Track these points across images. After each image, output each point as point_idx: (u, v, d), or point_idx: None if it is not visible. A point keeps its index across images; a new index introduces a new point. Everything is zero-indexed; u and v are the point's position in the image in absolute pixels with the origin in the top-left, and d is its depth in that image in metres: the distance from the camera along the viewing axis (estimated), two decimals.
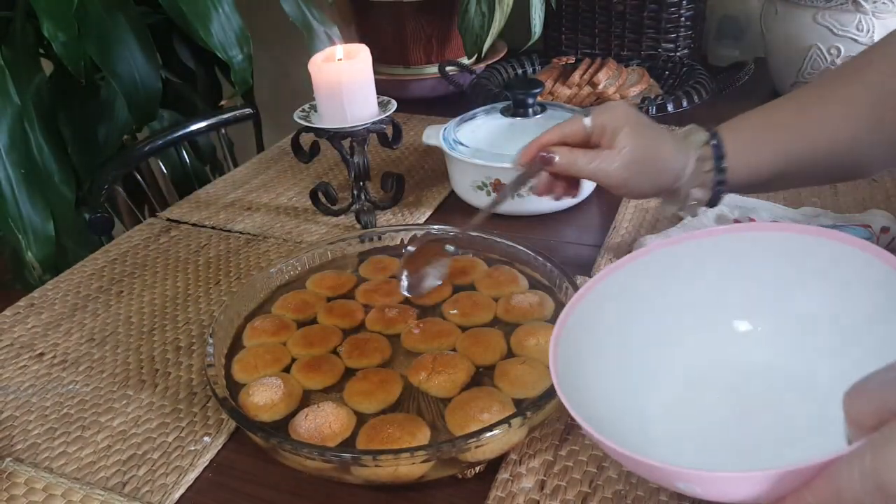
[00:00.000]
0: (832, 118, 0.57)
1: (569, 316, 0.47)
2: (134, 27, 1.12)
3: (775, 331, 0.49)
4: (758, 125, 0.60)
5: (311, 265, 0.71)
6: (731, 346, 0.50)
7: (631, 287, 0.49)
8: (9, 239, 1.09)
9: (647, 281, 0.50)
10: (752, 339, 0.50)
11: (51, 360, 0.66)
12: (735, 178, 0.59)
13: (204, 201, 0.96)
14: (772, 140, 0.59)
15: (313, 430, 0.50)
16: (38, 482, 0.52)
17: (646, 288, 0.50)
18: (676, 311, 0.50)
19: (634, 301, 0.50)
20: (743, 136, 0.59)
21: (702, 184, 0.60)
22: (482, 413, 0.50)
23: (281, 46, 1.78)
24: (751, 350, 0.49)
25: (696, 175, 0.59)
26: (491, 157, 0.82)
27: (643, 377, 0.49)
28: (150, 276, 0.79)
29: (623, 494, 0.48)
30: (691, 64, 1.15)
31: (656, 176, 0.59)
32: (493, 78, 1.17)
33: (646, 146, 0.58)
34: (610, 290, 0.49)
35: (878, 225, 0.70)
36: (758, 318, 0.50)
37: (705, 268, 0.50)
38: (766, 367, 0.49)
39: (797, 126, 0.58)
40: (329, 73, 0.76)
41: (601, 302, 0.48)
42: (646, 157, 0.58)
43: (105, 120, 1.25)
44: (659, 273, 0.50)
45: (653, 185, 0.60)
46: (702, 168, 0.59)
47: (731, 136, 0.59)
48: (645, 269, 0.50)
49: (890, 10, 1.00)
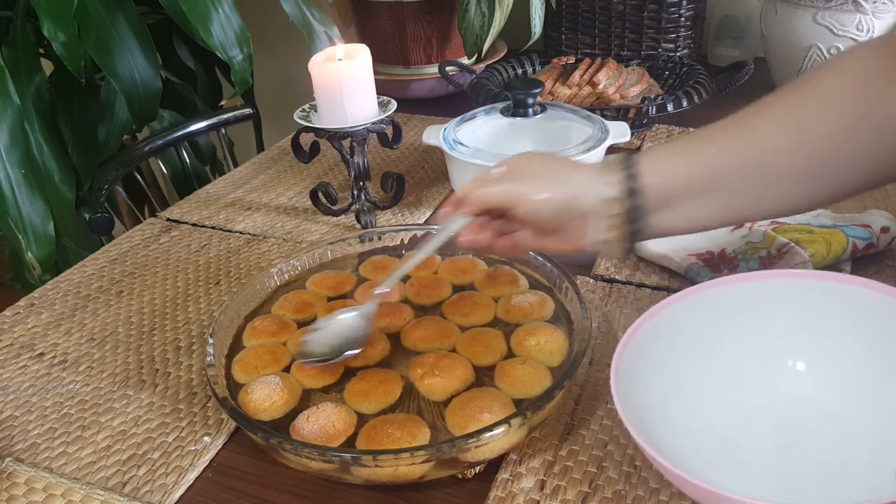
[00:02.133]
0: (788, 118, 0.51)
1: (628, 342, 0.49)
2: (134, 27, 1.12)
3: (822, 371, 0.51)
4: (678, 139, 0.54)
5: (311, 265, 0.71)
6: (780, 382, 0.52)
7: (688, 319, 0.52)
8: (9, 239, 1.09)
9: (704, 315, 0.53)
10: (800, 377, 0.52)
11: (51, 359, 0.66)
12: (652, 185, 0.51)
13: (204, 201, 0.96)
14: (695, 148, 0.52)
15: (314, 431, 0.50)
16: (38, 482, 0.52)
17: (701, 321, 0.53)
18: (728, 347, 0.53)
19: (691, 332, 0.52)
20: (660, 147, 0.54)
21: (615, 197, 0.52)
22: (482, 413, 0.50)
23: (281, 46, 1.78)
24: (798, 388, 0.52)
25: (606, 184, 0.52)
26: (491, 157, 0.82)
27: (695, 405, 0.51)
28: (151, 276, 0.79)
29: (623, 494, 0.49)
30: (691, 64, 1.15)
31: (559, 186, 0.53)
32: (493, 78, 1.17)
33: (549, 159, 0.56)
34: (669, 320, 0.52)
35: (878, 225, 0.70)
36: (804, 357, 0.52)
37: (759, 307, 0.53)
38: (811, 404, 0.51)
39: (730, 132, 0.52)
40: (329, 73, 0.76)
41: (661, 330, 0.51)
42: (549, 168, 0.54)
43: (105, 120, 1.25)
44: (713, 309, 0.53)
45: (557, 199, 0.52)
46: (609, 179, 0.52)
47: (647, 151, 0.54)
48: (701, 305, 0.53)
49: (890, 10, 1.00)
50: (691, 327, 0.52)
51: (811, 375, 0.52)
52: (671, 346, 0.51)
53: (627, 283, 0.71)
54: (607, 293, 0.70)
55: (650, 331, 0.50)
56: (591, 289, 0.71)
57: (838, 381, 0.51)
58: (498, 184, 0.54)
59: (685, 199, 0.51)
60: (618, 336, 0.63)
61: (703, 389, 0.52)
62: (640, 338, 0.49)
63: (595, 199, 0.52)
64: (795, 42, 1.07)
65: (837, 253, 0.68)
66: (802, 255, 0.66)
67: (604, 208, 0.51)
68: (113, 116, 1.26)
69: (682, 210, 0.51)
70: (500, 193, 0.54)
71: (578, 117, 0.90)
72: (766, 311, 0.53)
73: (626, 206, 0.51)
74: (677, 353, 0.52)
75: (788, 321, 0.52)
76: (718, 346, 0.53)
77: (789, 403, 0.51)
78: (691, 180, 0.51)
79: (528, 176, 0.54)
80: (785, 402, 0.51)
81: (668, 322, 0.51)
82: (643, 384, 0.48)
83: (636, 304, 0.68)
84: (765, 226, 0.73)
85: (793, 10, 1.07)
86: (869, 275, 0.69)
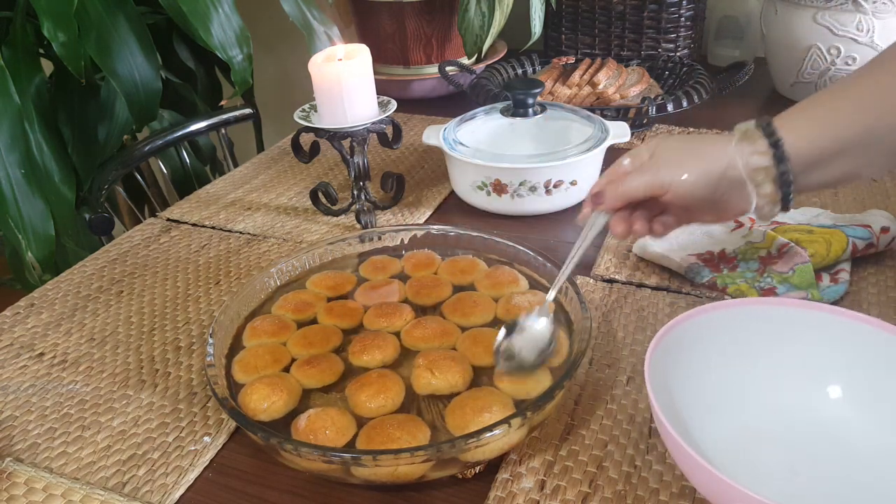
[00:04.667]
0: None
1: (665, 336, 0.49)
2: (134, 27, 1.12)
3: (852, 406, 0.51)
4: (817, 99, 0.54)
5: (311, 265, 0.71)
6: (806, 411, 0.52)
7: (729, 328, 0.53)
8: (9, 239, 1.09)
9: (747, 327, 0.53)
10: (829, 407, 0.52)
11: (51, 360, 0.66)
12: (797, 151, 0.52)
13: (204, 201, 0.96)
14: (834, 108, 0.52)
15: (314, 431, 0.50)
16: (38, 482, 0.52)
17: (743, 333, 0.53)
18: (762, 366, 0.53)
19: (729, 341, 0.53)
20: (798, 112, 0.54)
21: (759, 171, 0.53)
22: (482, 413, 0.50)
23: (281, 46, 1.78)
24: (824, 418, 0.51)
25: (749, 154, 0.53)
26: (491, 157, 0.82)
27: (714, 414, 0.51)
28: (151, 277, 0.79)
29: (623, 494, 0.49)
30: (691, 64, 1.15)
31: (704, 163, 0.53)
32: (493, 78, 1.17)
33: (680, 139, 0.56)
34: (710, 324, 0.52)
35: (878, 225, 0.70)
36: (837, 387, 0.52)
37: (804, 333, 0.53)
38: (832, 436, 0.51)
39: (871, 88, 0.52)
40: (329, 73, 0.76)
41: (699, 332, 0.51)
42: (684, 148, 0.55)
43: (105, 120, 1.25)
44: (757, 324, 0.53)
45: (706, 176, 0.53)
46: (753, 148, 0.53)
47: (785, 115, 0.54)
48: (746, 317, 0.53)
49: (890, 10, 1.00)
50: (730, 337, 0.52)
51: (840, 408, 0.51)
52: (706, 351, 0.51)
53: (627, 283, 0.71)
54: (607, 293, 0.70)
55: (689, 330, 0.51)
56: (591, 289, 0.71)
57: (866, 418, 0.50)
58: (638, 176, 0.55)
59: (829, 160, 0.52)
60: (618, 336, 0.64)
61: (726, 401, 0.51)
62: (677, 334, 0.50)
63: (744, 170, 0.52)
64: (795, 42, 1.07)
65: (837, 253, 0.68)
66: (802, 255, 0.66)
67: (754, 176, 0.52)
68: (113, 116, 1.26)
69: (827, 169, 0.53)
70: (644, 185, 0.54)
71: (578, 117, 0.90)
72: (810, 339, 0.52)
73: (775, 172, 0.52)
74: (710, 359, 0.52)
75: (831, 351, 0.52)
76: (753, 362, 0.53)
77: (811, 432, 0.51)
78: (834, 143, 0.52)
79: (667, 161, 0.54)
80: (807, 429, 0.51)
81: (707, 325, 0.52)
82: (672, 380, 0.48)
83: (636, 304, 0.68)
84: (765, 226, 0.73)
85: (793, 10, 1.07)
86: (869, 275, 0.69)
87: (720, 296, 0.67)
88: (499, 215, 0.86)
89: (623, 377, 0.59)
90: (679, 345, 0.50)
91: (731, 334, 0.52)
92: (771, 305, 0.53)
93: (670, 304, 0.67)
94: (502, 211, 0.85)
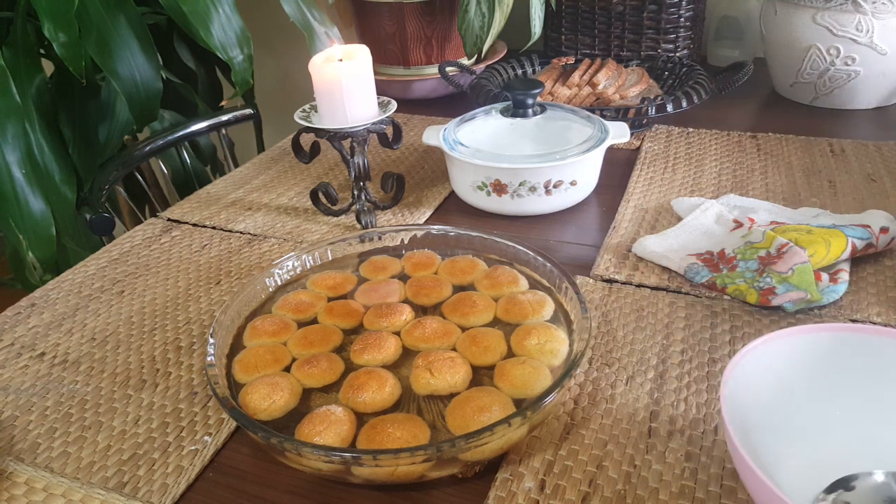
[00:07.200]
0: None
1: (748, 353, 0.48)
2: (134, 27, 1.12)
3: None
4: None
5: (312, 265, 0.71)
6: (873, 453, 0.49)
7: (816, 352, 0.51)
8: (10, 239, 1.10)
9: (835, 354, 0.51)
10: None
11: (52, 359, 0.66)
12: None
13: (205, 201, 0.96)
14: None
15: (314, 432, 0.50)
16: (38, 482, 0.53)
17: (830, 359, 0.51)
18: (841, 397, 0.51)
19: (810, 367, 0.51)
20: None
21: None
22: (482, 413, 0.50)
23: (281, 47, 1.78)
24: None
25: None
26: (491, 157, 0.82)
27: (778, 440, 0.49)
28: (151, 276, 0.79)
29: (623, 494, 0.49)
30: (691, 64, 1.15)
31: None
32: (493, 78, 1.18)
33: None
34: (798, 348, 0.50)
35: (878, 225, 0.70)
36: None
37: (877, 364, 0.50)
38: None
39: None
40: (329, 73, 0.76)
41: (784, 353, 0.50)
42: None
43: (106, 120, 1.26)
44: (845, 352, 0.51)
45: None
46: None
47: None
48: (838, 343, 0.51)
49: (889, 10, 1.00)
50: (815, 363, 0.50)
51: None
52: (786, 372, 0.50)
53: (627, 284, 0.71)
54: (607, 293, 0.70)
55: (774, 349, 0.49)
56: (590, 289, 0.71)
57: None
58: None
59: None
60: (617, 336, 0.64)
61: (791, 428, 0.50)
62: (760, 353, 0.48)
63: None
64: (795, 42, 1.07)
65: (837, 253, 0.68)
66: (802, 255, 0.66)
67: None
68: (113, 117, 1.26)
69: None
70: None
71: (578, 117, 0.90)
72: None
73: None
74: (788, 382, 0.50)
75: None
76: (831, 393, 0.50)
77: None
78: None
79: None
80: None
81: (794, 349, 0.50)
82: (746, 396, 0.47)
83: (636, 304, 0.68)
84: (764, 226, 0.73)
85: (792, 11, 1.07)
86: (868, 275, 0.69)
87: (720, 296, 0.67)
88: (499, 215, 0.86)
89: (623, 377, 0.59)
90: (757, 365, 0.48)
91: (816, 360, 0.50)
92: (866, 334, 0.50)
93: (670, 303, 0.67)
94: (502, 211, 0.85)
